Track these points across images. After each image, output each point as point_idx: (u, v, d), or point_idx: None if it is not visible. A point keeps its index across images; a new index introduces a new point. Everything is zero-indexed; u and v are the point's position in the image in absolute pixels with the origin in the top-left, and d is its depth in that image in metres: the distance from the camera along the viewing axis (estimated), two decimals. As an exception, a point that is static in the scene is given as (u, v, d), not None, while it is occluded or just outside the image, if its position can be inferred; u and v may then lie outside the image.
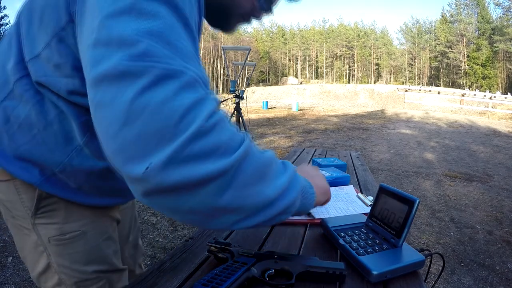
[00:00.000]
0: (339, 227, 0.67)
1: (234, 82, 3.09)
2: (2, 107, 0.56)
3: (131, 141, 0.33)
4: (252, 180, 0.40)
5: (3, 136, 0.57)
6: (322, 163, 1.33)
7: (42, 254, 0.65)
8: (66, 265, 0.66)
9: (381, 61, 57.49)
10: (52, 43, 0.50)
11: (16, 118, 0.56)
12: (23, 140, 0.56)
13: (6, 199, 0.63)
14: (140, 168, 0.33)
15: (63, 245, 0.65)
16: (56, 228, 0.64)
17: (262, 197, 0.41)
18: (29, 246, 0.65)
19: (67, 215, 0.64)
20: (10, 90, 0.55)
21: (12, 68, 0.55)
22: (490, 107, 16.29)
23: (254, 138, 6.85)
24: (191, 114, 0.34)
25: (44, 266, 0.66)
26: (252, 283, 0.49)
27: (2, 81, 0.57)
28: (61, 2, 0.48)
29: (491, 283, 1.94)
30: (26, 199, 0.61)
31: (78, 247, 0.66)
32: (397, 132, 9.12)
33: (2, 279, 1.86)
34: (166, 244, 2.32)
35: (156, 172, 0.33)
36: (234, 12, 0.62)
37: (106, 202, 0.69)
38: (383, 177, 4.29)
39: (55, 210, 0.63)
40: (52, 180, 0.59)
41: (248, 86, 18.99)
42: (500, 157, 5.95)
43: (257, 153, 0.42)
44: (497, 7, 41.26)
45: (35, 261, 0.67)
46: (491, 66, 40.75)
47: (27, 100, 0.55)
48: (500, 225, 2.80)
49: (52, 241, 0.64)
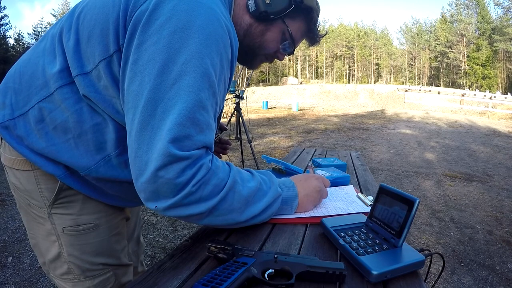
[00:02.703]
0: (339, 227, 0.66)
1: (234, 82, 3.08)
2: (39, 107, 0.60)
3: (151, 191, 0.52)
4: (229, 211, 0.58)
5: (32, 132, 0.60)
6: (322, 163, 1.33)
7: (54, 243, 0.68)
8: (76, 255, 0.69)
9: (381, 61, 57.50)
10: (100, 66, 0.56)
11: (52, 120, 0.60)
12: (56, 141, 0.60)
13: (24, 188, 0.66)
14: (152, 205, 0.54)
15: (75, 236, 0.68)
16: (71, 219, 0.67)
17: (236, 221, 0.61)
18: (42, 234, 0.68)
19: (83, 208, 0.67)
20: (49, 94, 0.59)
21: (56, 74, 0.58)
22: (490, 107, 16.28)
23: (254, 138, 6.86)
24: (187, 183, 0.52)
25: (55, 254, 0.68)
26: (252, 283, 0.49)
27: (41, 82, 0.60)
28: (111, 30, 0.54)
29: (491, 283, 1.94)
30: (45, 189, 0.65)
31: (89, 238, 0.69)
32: (397, 132, 9.13)
33: (2, 279, 1.86)
34: (166, 244, 2.32)
35: (161, 210, 0.54)
36: (260, 53, 0.73)
37: (121, 204, 0.73)
38: (383, 177, 4.29)
39: (72, 202, 0.67)
40: (74, 176, 0.64)
41: (248, 86, 18.97)
42: (500, 157, 5.95)
43: (239, 188, 0.59)
44: (497, 7, 41.28)
45: (46, 249, 0.69)
46: (491, 66, 40.75)
47: (66, 107, 0.59)
48: (500, 225, 2.80)
49: (66, 231, 0.67)
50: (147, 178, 0.51)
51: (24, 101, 0.61)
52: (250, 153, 3.98)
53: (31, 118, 0.60)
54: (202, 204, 0.54)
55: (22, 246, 2.22)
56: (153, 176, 0.50)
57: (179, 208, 0.53)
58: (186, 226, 2.62)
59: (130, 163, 0.53)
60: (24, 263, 2.03)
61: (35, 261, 2.04)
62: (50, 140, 0.60)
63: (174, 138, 0.50)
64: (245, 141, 3.67)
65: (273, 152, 5.75)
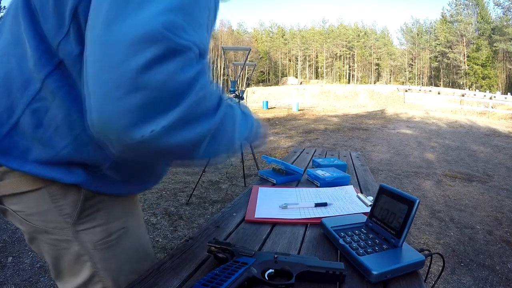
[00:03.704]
0: (339, 227, 0.67)
1: (234, 82, 3.08)
2: (30, 111, 0.49)
3: (139, 106, 0.35)
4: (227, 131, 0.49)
5: (33, 144, 0.50)
6: (322, 163, 1.33)
7: (84, 264, 0.59)
8: (113, 269, 0.61)
9: (381, 61, 57.50)
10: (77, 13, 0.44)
11: (51, 121, 0.49)
12: (63, 143, 0.50)
13: (35, 212, 0.54)
14: (142, 131, 0.36)
15: (109, 248, 0.60)
16: (101, 231, 0.58)
17: (231, 146, 0.51)
18: (68, 260, 0.58)
19: (110, 214, 0.60)
20: (38, 89, 0.48)
21: (37, 63, 0.47)
22: (490, 107, 16.28)
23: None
24: (191, 85, 0.38)
25: (87, 277, 0.59)
26: (252, 283, 0.49)
27: (21, 82, 0.49)
28: None
29: (491, 283, 1.94)
30: (65, 205, 0.55)
31: (124, 245, 0.62)
32: (397, 132, 9.12)
33: (2, 279, 1.86)
34: (166, 244, 2.32)
35: (158, 136, 0.37)
36: None
37: (142, 188, 0.66)
38: (383, 177, 4.29)
39: (99, 210, 0.58)
40: (97, 177, 0.55)
41: (248, 86, 18.99)
42: (500, 157, 5.95)
43: (228, 103, 0.49)
44: (497, 7, 41.30)
45: (74, 275, 0.60)
46: (491, 66, 40.75)
47: (62, 97, 0.48)
48: (500, 225, 2.80)
49: (98, 246, 0.58)
50: (130, 86, 0.34)
51: (7, 112, 0.49)
52: (250, 153, 3.98)
53: (25, 127, 0.49)
54: (208, 119, 0.42)
55: (22, 246, 2.22)
56: (139, 79, 0.34)
57: (185, 126, 0.39)
58: (186, 226, 2.62)
59: (91, 81, 0.36)
60: (24, 263, 2.03)
61: (35, 261, 2.04)
62: (57, 145, 0.50)
63: (166, 23, 0.35)
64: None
65: (273, 152, 5.75)
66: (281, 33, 63.68)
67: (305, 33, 61.52)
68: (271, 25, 65.58)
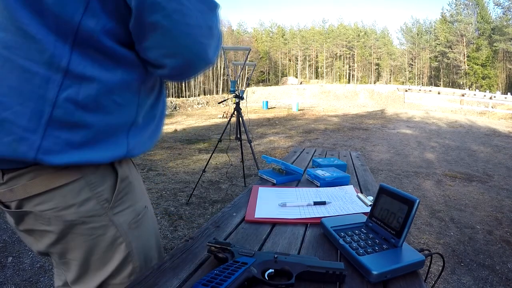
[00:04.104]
0: (339, 227, 0.67)
1: (234, 82, 3.08)
2: (61, 101, 0.47)
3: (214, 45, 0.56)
4: None
5: (74, 132, 0.49)
6: (322, 163, 1.33)
7: (119, 246, 0.60)
8: (143, 246, 0.64)
9: (381, 61, 57.50)
10: None
11: (86, 100, 0.49)
12: (110, 118, 0.52)
13: (71, 204, 0.53)
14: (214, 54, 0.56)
15: (138, 227, 0.63)
16: (131, 211, 0.62)
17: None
18: (103, 247, 0.58)
19: (135, 195, 0.63)
20: (61, 79, 0.47)
21: (53, 55, 0.46)
22: (490, 107, 16.28)
23: (254, 138, 6.85)
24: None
25: (121, 259, 0.60)
26: (252, 283, 0.49)
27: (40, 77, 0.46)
28: None
29: (491, 283, 1.94)
30: (104, 190, 0.56)
31: (148, 223, 0.66)
32: (397, 132, 9.12)
33: (2, 279, 1.86)
34: (166, 244, 2.32)
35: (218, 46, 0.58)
36: None
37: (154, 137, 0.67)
38: (383, 177, 4.29)
39: (127, 193, 0.61)
40: (131, 134, 0.57)
41: (248, 86, 18.98)
42: (500, 157, 5.95)
43: None
44: (497, 7, 41.31)
45: (106, 263, 0.60)
46: (491, 66, 40.74)
47: (89, 76, 0.48)
48: (500, 225, 2.80)
49: (131, 225, 0.61)
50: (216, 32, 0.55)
51: (37, 114, 0.47)
52: (250, 153, 3.98)
53: (62, 118, 0.48)
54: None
55: (22, 246, 2.22)
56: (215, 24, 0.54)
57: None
58: (186, 226, 2.62)
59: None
60: (24, 263, 2.03)
61: (35, 261, 2.04)
62: (99, 120, 0.51)
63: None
64: (245, 141, 3.66)
65: (273, 152, 5.75)
66: (281, 33, 63.66)
67: (305, 33, 61.50)
68: (271, 25, 65.61)
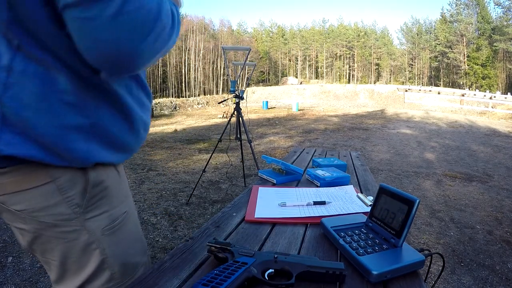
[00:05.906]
0: (339, 227, 0.67)
1: (234, 82, 3.08)
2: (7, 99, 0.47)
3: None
4: None
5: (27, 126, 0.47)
6: (322, 163, 1.33)
7: (93, 252, 0.59)
8: (120, 253, 0.62)
9: (381, 61, 57.49)
10: None
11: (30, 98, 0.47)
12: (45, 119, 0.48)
13: (42, 207, 0.53)
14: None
15: (115, 233, 0.61)
16: (107, 217, 0.60)
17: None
18: (77, 252, 0.58)
19: (113, 200, 0.61)
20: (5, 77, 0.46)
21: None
22: (490, 107, 16.28)
23: (254, 138, 6.85)
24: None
25: (96, 265, 0.60)
26: (252, 283, 0.49)
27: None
28: None
29: (491, 283, 1.94)
30: (74, 195, 0.55)
31: (127, 229, 0.64)
32: (397, 132, 9.12)
33: (2, 279, 1.86)
34: (166, 244, 2.32)
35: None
36: None
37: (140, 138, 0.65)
38: (383, 177, 4.29)
39: (103, 198, 0.59)
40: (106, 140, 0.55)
41: (248, 86, 18.99)
42: (500, 157, 5.95)
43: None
44: (497, 6, 41.32)
45: (82, 267, 0.59)
46: (491, 66, 40.73)
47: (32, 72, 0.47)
48: (500, 225, 2.80)
49: (105, 231, 0.59)
50: None
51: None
52: (250, 153, 3.98)
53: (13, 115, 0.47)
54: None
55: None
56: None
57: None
58: (186, 226, 2.62)
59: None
60: (24, 263, 2.03)
61: (35, 261, 2.04)
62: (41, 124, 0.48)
63: None
64: (245, 141, 3.66)
65: (273, 152, 5.75)
66: (281, 33, 63.64)
67: (305, 33, 61.48)
68: (271, 25, 65.59)
